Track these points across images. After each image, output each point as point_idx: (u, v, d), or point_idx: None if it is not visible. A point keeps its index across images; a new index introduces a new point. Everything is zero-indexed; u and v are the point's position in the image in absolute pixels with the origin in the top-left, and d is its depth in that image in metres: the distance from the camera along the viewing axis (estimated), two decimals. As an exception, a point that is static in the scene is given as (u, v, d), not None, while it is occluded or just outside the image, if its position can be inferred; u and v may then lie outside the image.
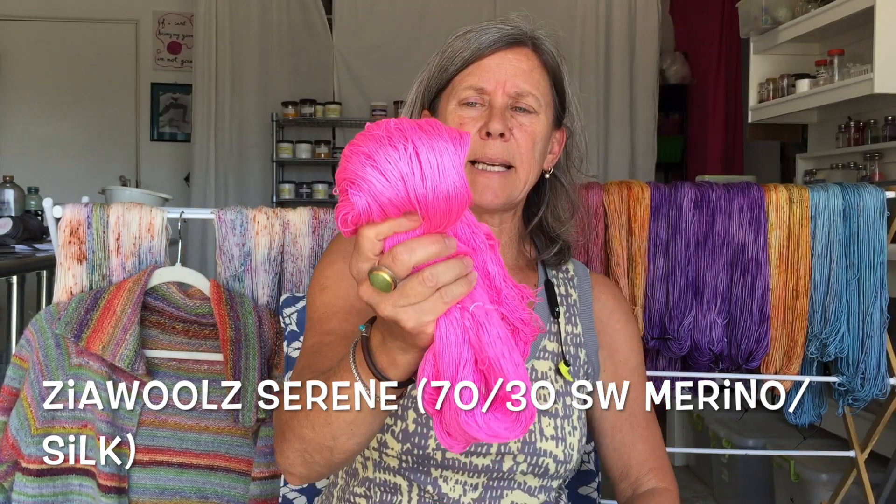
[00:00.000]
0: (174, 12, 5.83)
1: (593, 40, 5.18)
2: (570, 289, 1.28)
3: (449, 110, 1.16)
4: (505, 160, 1.14)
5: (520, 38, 1.17)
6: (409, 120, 0.71)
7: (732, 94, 5.24)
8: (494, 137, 1.13)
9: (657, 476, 1.22)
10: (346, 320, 1.08)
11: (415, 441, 1.10)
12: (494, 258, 0.76)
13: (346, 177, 0.70)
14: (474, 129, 1.13)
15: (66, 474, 1.56)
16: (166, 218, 1.69)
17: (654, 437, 1.24)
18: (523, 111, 1.16)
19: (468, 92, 1.15)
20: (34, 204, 3.71)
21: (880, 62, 2.99)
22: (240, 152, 5.23)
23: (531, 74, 1.17)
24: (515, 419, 0.74)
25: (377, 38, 5.19)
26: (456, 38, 1.18)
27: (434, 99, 1.20)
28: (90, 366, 1.54)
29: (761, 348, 1.74)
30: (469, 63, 1.16)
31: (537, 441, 1.13)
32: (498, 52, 1.16)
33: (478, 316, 0.72)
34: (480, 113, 1.15)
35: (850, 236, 1.76)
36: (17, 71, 5.76)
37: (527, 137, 1.15)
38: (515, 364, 0.73)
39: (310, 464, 0.94)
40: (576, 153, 1.27)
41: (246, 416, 1.52)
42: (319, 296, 1.13)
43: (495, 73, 1.15)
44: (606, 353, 1.26)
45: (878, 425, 1.92)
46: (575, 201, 1.27)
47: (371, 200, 0.69)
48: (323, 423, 0.89)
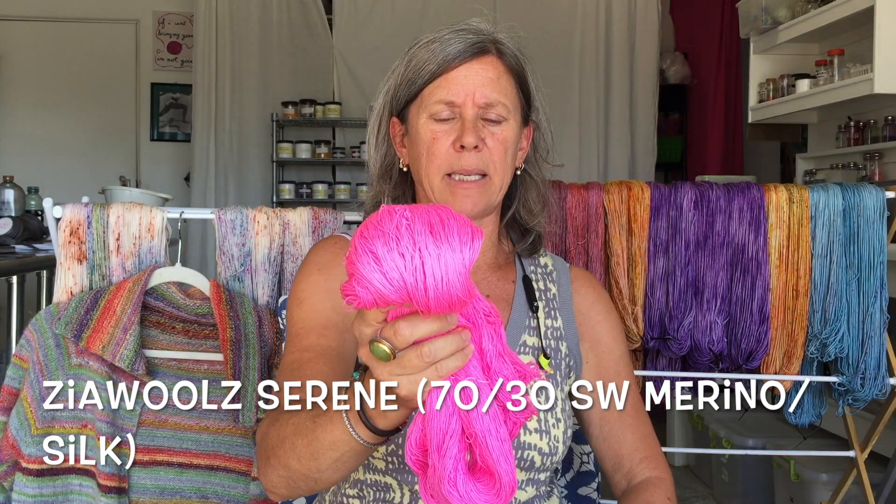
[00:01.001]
0: (174, 12, 5.83)
1: (593, 40, 5.18)
2: (549, 283, 1.29)
3: (420, 124, 1.18)
4: (480, 170, 1.17)
5: (483, 45, 1.18)
6: (421, 213, 0.72)
7: (732, 94, 5.24)
8: (468, 149, 1.15)
9: (650, 465, 1.22)
10: (322, 335, 1.11)
11: (399, 442, 1.11)
12: (494, 335, 0.78)
13: (353, 272, 0.72)
14: (448, 142, 1.16)
15: (66, 474, 1.56)
16: (166, 218, 1.69)
17: (643, 426, 1.24)
18: (494, 121, 1.18)
19: (438, 107, 1.17)
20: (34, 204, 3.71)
21: (880, 62, 2.99)
22: (240, 152, 5.22)
23: (498, 82, 1.18)
24: (496, 493, 0.76)
25: (377, 38, 5.19)
26: (419, 48, 1.19)
27: (403, 108, 1.22)
28: (90, 366, 1.54)
29: (761, 348, 1.74)
30: (436, 76, 1.17)
31: (521, 435, 1.14)
32: (464, 63, 1.17)
33: (469, 391, 0.74)
34: (452, 126, 1.17)
35: (850, 236, 1.76)
36: (17, 71, 5.76)
37: (499, 146, 1.18)
38: (501, 440, 0.76)
39: (293, 488, 0.98)
40: (542, 145, 1.29)
41: (246, 416, 1.52)
42: (297, 310, 1.16)
43: (463, 86, 1.16)
44: (589, 346, 1.27)
45: (878, 425, 1.92)
46: (545, 193, 1.30)
47: (376, 297, 0.71)
48: (309, 457, 0.92)
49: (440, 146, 1.17)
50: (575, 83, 5.16)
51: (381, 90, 1.25)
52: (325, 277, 1.18)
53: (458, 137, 1.16)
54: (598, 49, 5.18)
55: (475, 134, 1.15)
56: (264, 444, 1.00)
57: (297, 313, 1.16)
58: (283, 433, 0.96)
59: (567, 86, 5.13)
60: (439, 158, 1.17)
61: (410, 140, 1.21)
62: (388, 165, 1.27)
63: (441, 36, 1.19)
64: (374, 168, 1.28)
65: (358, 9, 5.25)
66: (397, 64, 1.23)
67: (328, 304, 1.14)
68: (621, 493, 1.23)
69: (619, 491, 1.23)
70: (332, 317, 1.13)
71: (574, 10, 5.19)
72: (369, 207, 1.30)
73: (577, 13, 5.19)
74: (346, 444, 0.87)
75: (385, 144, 1.26)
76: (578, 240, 1.76)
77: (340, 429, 0.86)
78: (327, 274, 1.18)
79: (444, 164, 1.17)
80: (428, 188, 1.19)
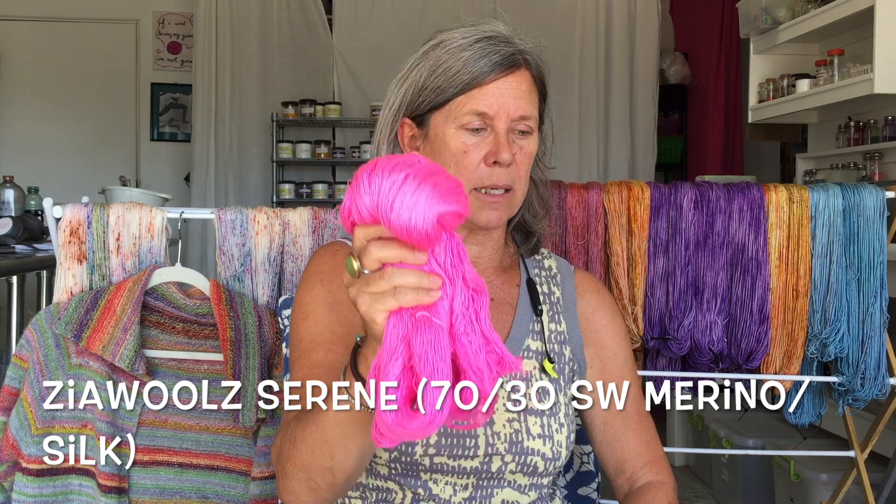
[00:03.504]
0: (174, 12, 5.83)
1: (593, 40, 5.18)
2: (553, 286, 1.29)
3: (449, 134, 1.17)
4: (508, 185, 1.17)
5: (516, 59, 1.17)
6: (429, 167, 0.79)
7: (732, 94, 5.24)
8: (502, 165, 1.16)
9: (653, 469, 1.22)
10: (330, 350, 1.12)
11: (402, 448, 1.12)
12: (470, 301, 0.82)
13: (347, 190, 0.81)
14: (479, 156, 1.16)
15: (66, 474, 1.56)
16: (166, 218, 1.69)
17: (647, 431, 1.24)
18: (523, 134, 1.18)
19: (470, 118, 1.16)
20: (34, 204, 3.71)
21: (880, 62, 2.99)
22: (240, 152, 5.22)
23: (530, 96, 1.18)
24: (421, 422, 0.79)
25: (377, 38, 5.19)
26: (447, 54, 1.17)
27: (425, 113, 1.20)
28: (90, 366, 1.54)
29: (761, 348, 1.74)
30: (470, 87, 1.16)
31: (524, 440, 1.14)
32: (499, 77, 1.16)
33: (420, 321, 0.79)
34: (483, 139, 1.16)
35: (850, 236, 1.76)
36: (17, 71, 5.76)
37: (526, 160, 1.19)
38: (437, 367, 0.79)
39: (315, 490, 0.99)
40: (542, 148, 1.29)
41: (246, 416, 1.52)
42: (303, 324, 1.16)
43: (497, 98, 1.16)
44: (593, 351, 1.27)
45: (878, 425, 1.92)
46: (545, 195, 1.30)
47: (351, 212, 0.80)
48: (321, 443, 0.94)
49: (471, 159, 1.16)
50: (575, 83, 5.16)
51: (394, 90, 1.23)
52: (328, 289, 1.17)
53: (492, 152, 1.15)
54: (598, 49, 5.18)
55: (510, 151, 1.15)
56: (279, 459, 1.02)
57: (303, 327, 1.16)
58: (293, 436, 0.98)
59: (567, 86, 5.12)
60: (469, 171, 1.16)
61: (430, 146, 1.19)
62: None
63: (468, 43, 1.17)
64: None
65: (358, 9, 5.25)
66: (416, 64, 1.20)
67: (333, 317, 1.14)
68: (623, 496, 1.23)
69: (622, 495, 1.23)
70: (338, 329, 1.13)
71: (574, 9, 5.19)
72: None
73: (576, 13, 5.19)
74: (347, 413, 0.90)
75: (394, 145, 1.25)
76: (578, 240, 1.76)
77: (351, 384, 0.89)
78: (330, 285, 1.18)
79: (473, 178, 1.16)
80: None
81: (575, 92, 5.15)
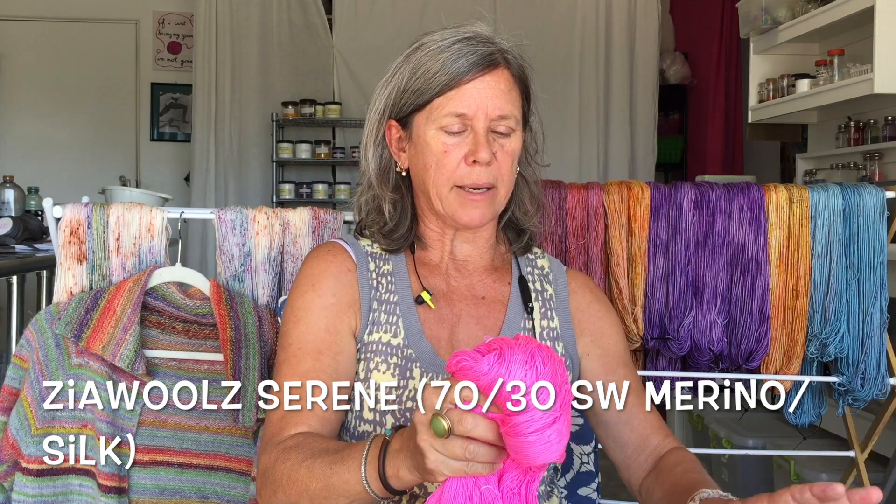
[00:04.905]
0: (174, 12, 5.83)
1: (593, 40, 5.18)
2: (546, 284, 1.30)
3: (430, 135, 1.18)
4: (489, 183, 1.18)
5: (494, 58, 1.18)
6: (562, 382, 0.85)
7: (732, 94, 5.25)
8: (481, 164, 1.16)
9: (672, 441, 1.22)
10: (318, 360, 1.15)
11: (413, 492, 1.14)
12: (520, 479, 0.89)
13: (498, 347, 0.85)
14: (459, 156, 1.17)
15: (66, 474, 1.56)
16: (166, 218, 1.69)
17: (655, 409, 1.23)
18: (503, 134, 1.19)
19: (450, 119, 1.17)
20: (34, 204, 3.71)
21: (880, 62, 2.99)
22: (240, 152, 5.23)
23: (509, 94, 1.19)
24: None
25: (377, 38, 5.19)
26: (426, 56, 1.19)
27: (407, 115, 1.22)
28: (90, 366, 1.54)
29: (761, 348, 1.74)
30: (448, 88, 1.17)
31: None
32: (476, 76, 1.17)
33: (486, 495, 0.87)
34: (463, 139, 1.17)
35: (850, 236, 1.76)
36: (17, 71, 5.76)
37: (507, 158, 1.20)
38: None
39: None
40: (532, 146, 1.30)
41: (246, 416, 1.52)
42: (294, 328, 1.19)
43: (475, 99, 1.17)
44: (591, 339, 1.28)
45: (878, 425, 1.92)
46: (536, 192, 1.31)
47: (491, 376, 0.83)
48: (322, 500, 1.00)
49: (451, 159, 1.17)
50: (575, 83, 5.16)
51: (379, 93, 1.25)
52: (319, 294, 1.20)
53: (471, 152, 1.16)
54: (598, 49, 5.18)
55: (488, 149, 1.16)
56: (271, 476, 1.04)
57: (294, 331, 1.19)
58: (294, 475, 1.01)
59: (567, 86, 5.13)
60: (449, 171, 1.18)
61: (415, 148, 1.21)
62: (384, 168, 1.27)
63: (447, 44, 1.18)
64: (371, 170, 1.28)
65: (358, 9, 5.26)
66: (398, 68, 1.22)
67: (322, 325, 1.18)
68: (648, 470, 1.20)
69: (643, 472, 1.21)
70: (326, 337, 1.17)
71: (574, 10, 5.19)
72: (368, 209, 1.30)
73: (576, 13, 5.19)
74: (358, 494, 0.96)
75: (381, 147, 1.26)
76: (578, 240, 1.76)
77: (356, 479, 0.95)
78: (320, 290, 1.21)
79: (454, 177, 1.18)
80: (436, 198, 1.20)
81: (575, 92, 5.15)
